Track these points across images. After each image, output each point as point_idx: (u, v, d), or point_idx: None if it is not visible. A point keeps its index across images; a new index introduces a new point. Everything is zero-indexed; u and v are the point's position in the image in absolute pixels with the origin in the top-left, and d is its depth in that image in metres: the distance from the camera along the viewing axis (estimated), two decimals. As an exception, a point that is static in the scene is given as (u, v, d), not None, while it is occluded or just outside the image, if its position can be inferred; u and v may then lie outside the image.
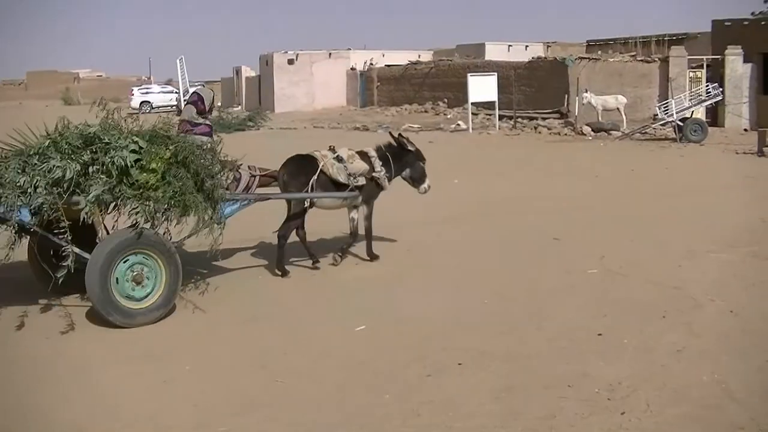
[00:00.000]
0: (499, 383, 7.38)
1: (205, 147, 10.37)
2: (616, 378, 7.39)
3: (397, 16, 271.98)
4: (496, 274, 11.45)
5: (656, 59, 40.36)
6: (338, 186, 11.64)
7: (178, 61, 25.61)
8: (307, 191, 11.49)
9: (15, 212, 8.94)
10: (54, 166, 9.00)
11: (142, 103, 69.33)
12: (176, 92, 59.46)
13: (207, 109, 11.88)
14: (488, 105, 39.77)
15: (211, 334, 9.03)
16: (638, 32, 51.23)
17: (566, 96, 38.86)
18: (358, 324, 9.15)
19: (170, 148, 9.63)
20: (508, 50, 57.73)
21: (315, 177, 11.44)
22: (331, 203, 11.92)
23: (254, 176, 11.54)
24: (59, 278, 9.05)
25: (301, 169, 11.59)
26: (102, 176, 9.16)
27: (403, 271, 11.69)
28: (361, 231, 12.22)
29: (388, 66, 58.24)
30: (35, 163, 9.08)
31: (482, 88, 38.47)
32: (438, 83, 50.48)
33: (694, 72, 39.19)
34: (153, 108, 67.67)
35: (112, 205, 9.49)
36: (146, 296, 9.40)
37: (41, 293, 10.16)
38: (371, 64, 60.31)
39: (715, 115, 37.94)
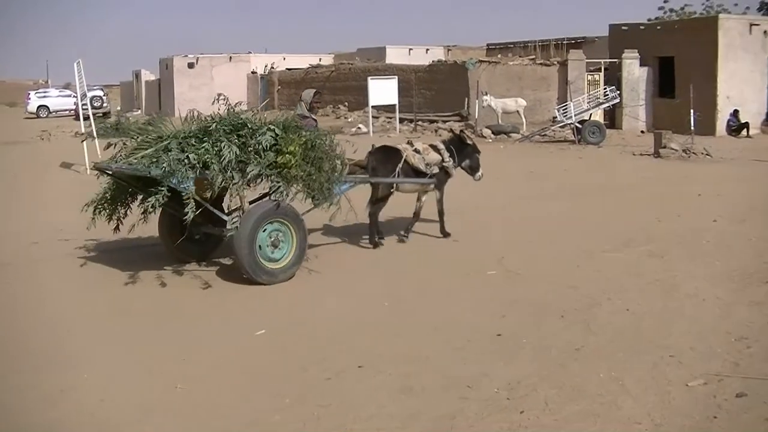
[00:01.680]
0: (399, 385, 7.38)
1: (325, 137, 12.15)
2: (515, 377, 7.44)
3: (298, 19, 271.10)
4: (395, 276, 11.48)
5: (555, 62, 40.77)
6: (417, 174, 13.55)
7: (75, 64, 25.17)
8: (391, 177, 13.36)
9: (186, 183, 10.51)
10: (223, 146, 10.70)
11: (39, 107, 67.93)
12: (74, 96, 58.31)
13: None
14: (389, 108, 39.81)
15: (110, 340, 8.87)
16: (537, 36, 51.82)
17: (466, 99, 39.09)
18: (258, 328, 9.08)
19: (304, 135, 11.53)
20: (409, 54, 57.87)
21: (400, 165, 13.28)
22: (410, 188, 13.82)
23: (345, 164, 12.59)
24: (203, 248, 12.26)
25: (388, 157, 13.44)
26: (257, 156, 10.97)
27: (302, 274, 11.61)
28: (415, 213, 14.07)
29: (289, 69, 58.02)
30: (192, 144, 10.75)
31: (383, 91, 38.50)
32: (339, 87, 50.39)
33: (592, 75, 39.72)
34: (51, 112, 66.48)
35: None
36: (282, 257, 11.26)
37: None
38: (272, 67, 60.02)
39: (613, 118, 38.57)
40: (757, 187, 20.76)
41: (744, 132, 35.54)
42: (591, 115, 34.16)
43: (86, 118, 26.80)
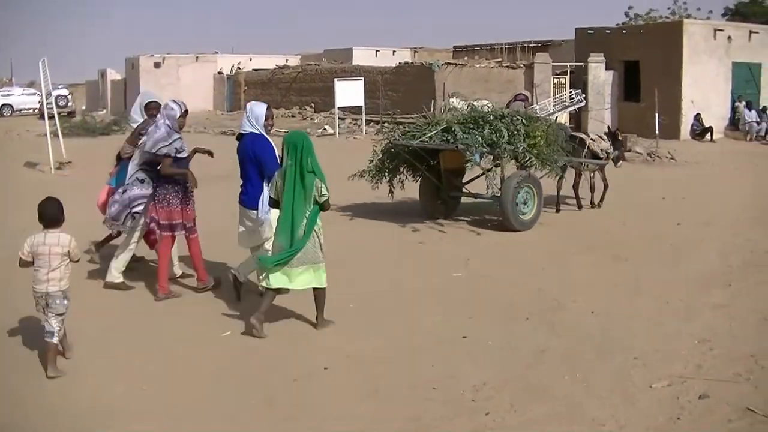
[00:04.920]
0: (365, 386, 7.40)
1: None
2: (481, 379, 7.47)
3: (265, 20, 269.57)
4: (362, 277, 11.46)
5: (521, 65, 40.79)
6: (594, 157, 17.53)
7: (40, 63, 25.07)
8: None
9: (476, 155, 14.45)
10: (502, 129, 14.67)
11: (2, 105, 67.04)
12: (39, 95, 57.62)
13: (530, 105, 18.74)
14: (355, 110, 39.77)
15: (75, 341, 8.80)
16: (504, 39, 51.88)
17: (433, 101, 39.06)
18: (224, 329, 9.06)
19: (545, 124, 15.85)
20: (376, 55, 57.73)
21: (585, 150, 17.23)
22: (591, 167, 17.60)
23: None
24: (448, 208, 16.53)
25: (579, 145, 17.22)
26: (521, 137, 14.82)
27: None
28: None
29: (256, 70, 57.73)
30: (471, 127, 14.86)
31: (349, 92, 38.44)
32: (305, 88, 50.20)
33: (558, 78, 39.85)
34: (14, 111, 65.72)
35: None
36: (528, 211, 15.18)
37: None
38: (238, 68, 59.80)
39: (578, 121, 38.66)
40: (721, 190, 20.94)
41: (708, 136, 35.78)
42: (557, 118, 34.21)
43: (51, 117, 26.66)
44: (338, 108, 38.98)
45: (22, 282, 11.07)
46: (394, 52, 59.90)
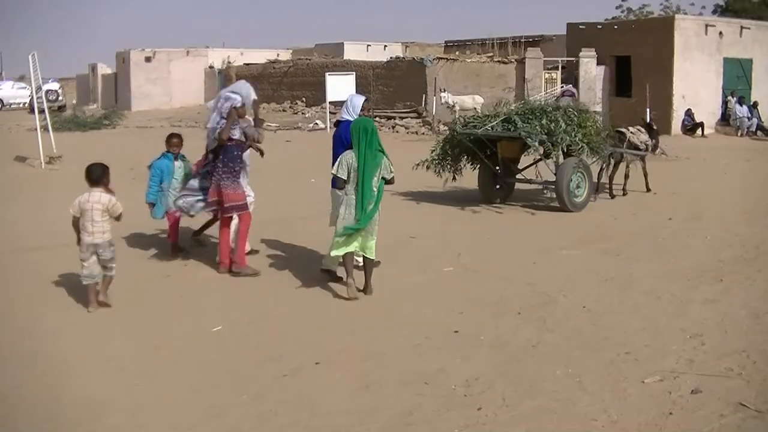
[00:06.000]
0: (356, 381, 7.37)
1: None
2: (473, 374, 7.45)
3: (256, 14, 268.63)
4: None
5: (513, 60, 40.78)
6: (635, 149, 19.11)
7: (30, 57, 24.98)
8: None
9: (534, 141, 15.96)
10: (559, 119, 16.21)
11: (-7, 99, 66.67)
12: (29, 89, 57.17)
13: (578, 99, 22.05)
14: (347, 104, 39.65)
15: (64, 336, 8.77)
16: (495, 33, 51.72)
17: (424, 96, 39.07)
18: (215, 324, 9.03)
19: (593, 116, 17.56)
20: (367, 50, 57.72)
21: (627, 142, 18.75)
22: (631, 158, 19.07)
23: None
24: (504, 194, 17.89)
25: (620, 138, 18.75)
26: (575, 126, 16.39)
27: (259, 269, 11.55)
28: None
29: (247, 64, 57.51)
30: (530, 118, 16.40)
31: (340, 87, 38.28)
32: (296, 82, 50.12)
33: (550, 73, 39.83)
34: (4, 105, 65.43)
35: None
36: (581, 194, 16.70)
37: None
38: (230, 62, 59.62)
39: (570, 116, 38.62)
40: (712, 185, 20.95)
41: (699, 131, 35.80)
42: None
43: (41, 111, 26.56)
44: (329, 102, 38.87)
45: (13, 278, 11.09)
46: (385, 46, 59.86)
